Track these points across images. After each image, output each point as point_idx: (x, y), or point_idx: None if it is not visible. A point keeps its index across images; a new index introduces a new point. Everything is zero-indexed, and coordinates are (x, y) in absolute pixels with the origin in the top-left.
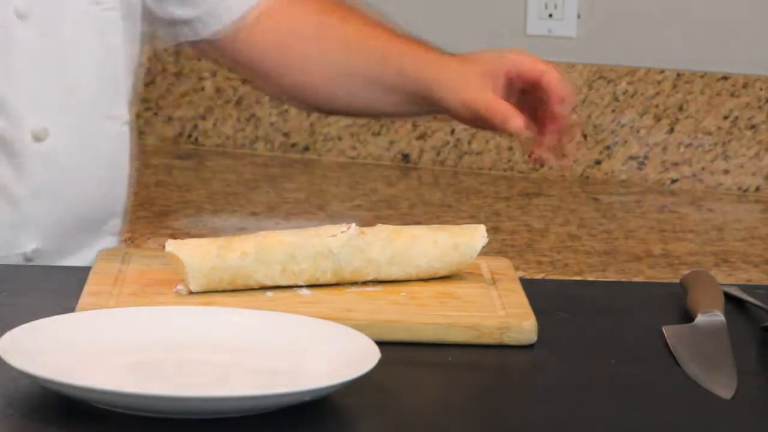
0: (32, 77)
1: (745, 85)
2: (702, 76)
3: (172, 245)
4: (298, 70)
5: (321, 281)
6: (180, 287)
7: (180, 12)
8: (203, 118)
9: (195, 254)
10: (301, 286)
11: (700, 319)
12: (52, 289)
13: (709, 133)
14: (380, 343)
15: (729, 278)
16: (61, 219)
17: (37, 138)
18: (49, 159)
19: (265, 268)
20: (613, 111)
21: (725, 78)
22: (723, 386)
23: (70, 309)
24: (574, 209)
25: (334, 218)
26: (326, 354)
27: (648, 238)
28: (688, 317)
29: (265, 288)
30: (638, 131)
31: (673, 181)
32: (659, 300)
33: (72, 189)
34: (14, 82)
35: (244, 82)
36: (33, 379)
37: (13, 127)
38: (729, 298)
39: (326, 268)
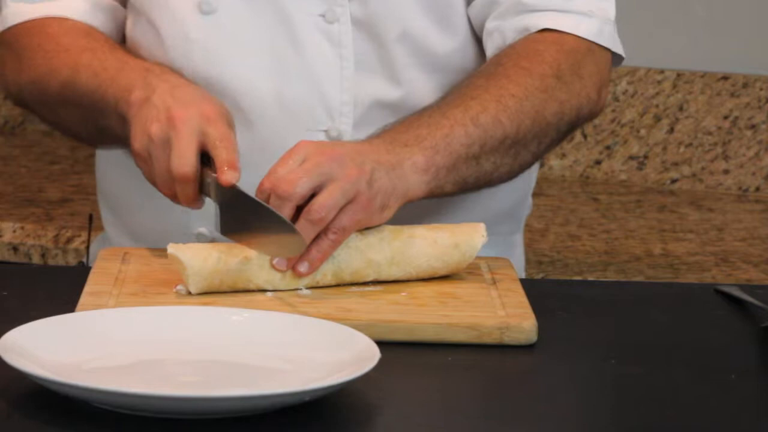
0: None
1: (745, 85)
2: (702, 76)
3: (174, 248)
4: None
5: (321, 284)
6: (180, 287)
7: None
8: None
9: (196, 257)
10: (301, 288)
11: None
12: (52, 289)
13: (709, 133)
14: (380, 343)
15: (729, 278)
16: None
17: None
18: None
19: (266, 274)
20: (613, 111)
21: (725, 78)
22: None
23: (70, 309)
24: (574, 209)
25: None
26: (326, 354)
27: (648, 238)
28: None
29: (265, 289)
30: (638, 131)
31: (673, 181)
32: (659, 300)
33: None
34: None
35: None
36: (33, 379)
37: None
38: (729, 298)
39: (326, 270)
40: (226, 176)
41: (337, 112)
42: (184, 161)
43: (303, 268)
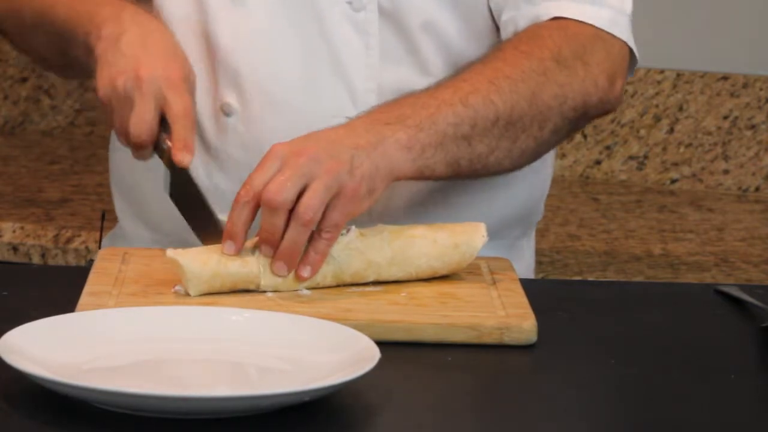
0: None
1: (745, 85)
2: (702, 76)
3: (172, 252)
4: None
5: (321, 285)
6: (179, 287)
7: None
8: None
9: (195, 261)
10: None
11: None
12: (52, 289)
13: (709, 133)
14: (380, 343)
15: (729, 278)
16: None
17: (227, 113)
18: (236, 134)
19: (266, 278)
20: None
21: (725, 78)
22: None
23: (70, 309)
24: (574, 209)
25: None
26: (326, 354)
27: (648, 238)
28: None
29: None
30: (638, 131)
31: (673, 181)
32: (659, 300)
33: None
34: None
35: None
36: (33, 379)
37: (204, 100)
38: (729, 298)
39: (326, 272)
40: (180, 157)
41: (361, 99)
42: (143, 127)
43: (305, 272)
